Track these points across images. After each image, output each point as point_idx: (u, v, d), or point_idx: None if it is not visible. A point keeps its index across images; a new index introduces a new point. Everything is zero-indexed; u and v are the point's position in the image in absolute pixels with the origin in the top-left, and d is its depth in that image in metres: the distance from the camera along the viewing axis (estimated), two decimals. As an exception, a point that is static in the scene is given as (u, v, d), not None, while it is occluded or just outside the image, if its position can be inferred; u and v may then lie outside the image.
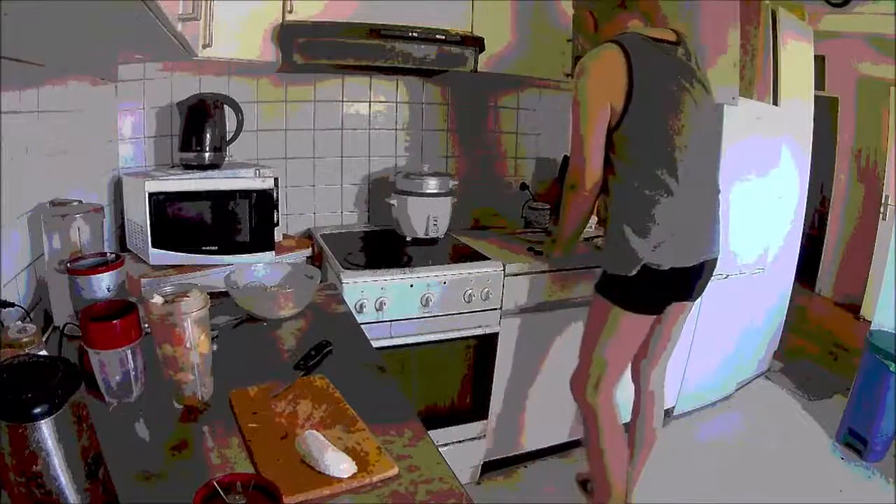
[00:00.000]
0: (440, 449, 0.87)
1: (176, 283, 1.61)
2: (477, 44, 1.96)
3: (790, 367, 3.24)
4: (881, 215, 3.77)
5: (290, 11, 1.76)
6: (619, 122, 1.55)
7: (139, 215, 1.68)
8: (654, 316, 1.69)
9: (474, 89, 2.44)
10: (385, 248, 2.13)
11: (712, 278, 2.29)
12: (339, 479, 0.76)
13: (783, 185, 2.83)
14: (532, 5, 2.08)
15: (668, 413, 2.58)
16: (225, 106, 1.94)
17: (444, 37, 1.89)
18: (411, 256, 1.98)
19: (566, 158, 2.49)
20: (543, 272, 2.00)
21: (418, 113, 2.40)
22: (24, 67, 1.12)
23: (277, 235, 1.94)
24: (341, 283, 1.72)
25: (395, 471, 0.79)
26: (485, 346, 1.97)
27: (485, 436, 2.09)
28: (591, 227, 2.44)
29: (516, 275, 1.95)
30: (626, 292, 1.63)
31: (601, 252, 1.75)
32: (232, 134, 1.98)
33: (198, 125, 1.89)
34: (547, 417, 2.21)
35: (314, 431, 0.84)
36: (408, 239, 2.17)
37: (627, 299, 1.64)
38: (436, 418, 1.96)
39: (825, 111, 3.89)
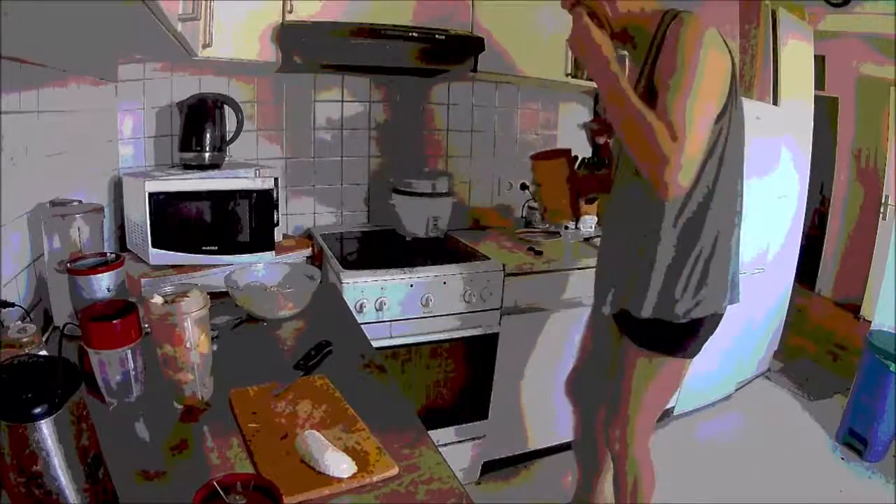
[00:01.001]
0: (440, 449, 0.87)
1: (176, 283, 1.61)
2: (477, 44, 1.96)
3: (790, 367, 3.24)
4: (881, 215, 3.77)
5: (290, 11, 1.76)
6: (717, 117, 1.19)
7: (139, 215, 1.68)
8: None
9: (474, 89, 2.44)
10: (385, 248, 2.13)
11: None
12: (339, 479, 0.76)
13: (783, 185, 2.83)
14: (532, 5, 2.08)
15: (668, 413, 2.59)
16: (225, 106, 1.94)
17: (443, 37, 1.89)
18: (411, 256, 1.98)
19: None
20: (543, 272, 2.00)
21: (418, 113, 2.39)
22: (24, 67, 1.12)
23: (277, 235, 1.94)
24: (341, 283, 1.72)
25: (395, 471, 0.79)
26: (485, 346, 1.97)
27: (485, 436, 2.09)
28: (591, 227, 2.44)
29: (516, 275, 1.95)
30: (682, 338, 1.33)
31: (653, 300, 1.31)
32: (232, 134, 1.98)
33: (198, 125, 1.89)
34: (547, 417, 2.21)
35: (314, 431, 0.84)
36: (408, 239, 2.17)
37: (683, 346, 1.34)
38: (436, 418, 1.96)
39: (825, 111, 3.89)
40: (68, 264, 1.09)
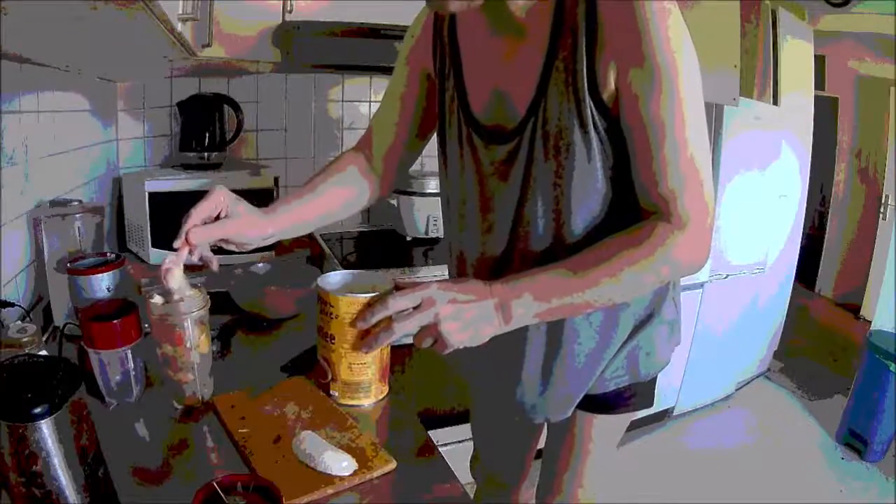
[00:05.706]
0: (440, 449, 0.87)
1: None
2: (477, 44, 1.95)
3: (790, 367, 3.24)
4: (881, 215, 3.76)
5: (290, 11, 1.76)
6: None
7: (139, 215, 1.68)
8: None
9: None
10: (385, 248, 2.12)
11: (713, 277, 2.22)
12: (342, 478, 0.76)
13: (784, 185, 2.83)
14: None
15: (667, 413, 2.59)
16: (225, 106, 1.94)
17: (444, 37, 1.88)
18: (411, 256, 1.98)
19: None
20: (543, 272, 1.99)
21: (418, 113, 2.39)
22: (25, 67, 1.12)
23: (277, 235, 1.94)
24: (341, 283, 1.72)
25: (393, 465, 0.80)
26: (485, 346, 1.96)
27: (485, 436, 2.08)
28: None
29: (516, 275, 1.95)
30: (649, 390, 1.04)
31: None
32: (232, 134, 1.98)
33: (198, 125, 1.89)
34: (547, 417, 2.21)
35: (310, 432, 0.83)
36: (408, 239, 2.17)
37: (647, 398, 1.04)
38: (436, 418, 1.96)
39: (825, 111, 3.89)
40: (68, 264, 1.09)
